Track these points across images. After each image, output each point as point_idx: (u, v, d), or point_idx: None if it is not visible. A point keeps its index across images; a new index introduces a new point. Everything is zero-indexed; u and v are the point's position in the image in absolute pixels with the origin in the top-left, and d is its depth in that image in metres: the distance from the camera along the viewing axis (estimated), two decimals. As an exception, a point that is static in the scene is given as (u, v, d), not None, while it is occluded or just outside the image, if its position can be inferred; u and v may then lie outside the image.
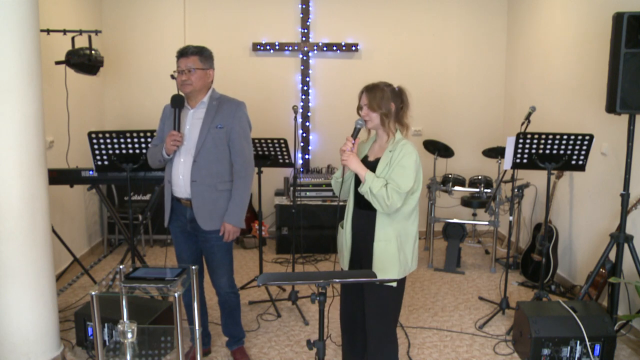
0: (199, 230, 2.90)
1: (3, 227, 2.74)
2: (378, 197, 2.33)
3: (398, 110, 2.48)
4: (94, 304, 2.15)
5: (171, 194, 2.94)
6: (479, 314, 3.91)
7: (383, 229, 2.42)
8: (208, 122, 2.84)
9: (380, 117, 2.45)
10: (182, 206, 2.93)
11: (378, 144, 2.56)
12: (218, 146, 2.85)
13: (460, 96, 5.79)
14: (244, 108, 2.94)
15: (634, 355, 3.31)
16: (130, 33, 5.44)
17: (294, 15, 5.58)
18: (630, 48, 2.97)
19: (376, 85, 2.47)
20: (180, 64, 2.82)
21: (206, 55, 2.86)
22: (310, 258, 5.13)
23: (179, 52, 2.83)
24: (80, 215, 4.94)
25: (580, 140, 3.44)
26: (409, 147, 2.42)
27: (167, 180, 2.95)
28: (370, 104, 2.44)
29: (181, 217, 2.96)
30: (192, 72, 2.80)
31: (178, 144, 2.81)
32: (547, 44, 4.82)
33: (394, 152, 2.43)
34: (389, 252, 2.41)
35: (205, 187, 2.84)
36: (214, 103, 2.89)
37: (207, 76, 2.87)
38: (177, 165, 2.88)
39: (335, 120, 5.64)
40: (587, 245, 4.11)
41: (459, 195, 5.26)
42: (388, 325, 2.51)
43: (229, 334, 3.18)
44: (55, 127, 4.25)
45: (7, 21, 2.64)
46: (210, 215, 2.86)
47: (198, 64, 2.81)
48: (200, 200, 2.84)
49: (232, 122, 2.87)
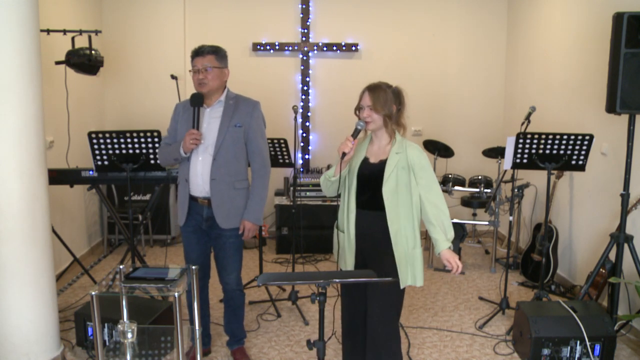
0: (214, 228, 2.93)
1: (3, 227, 2.74)
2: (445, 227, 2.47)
3: (397, 111, 2.49)
4: (94, 304, 2.15)
5: (188, 193, 2.94)
6: (479, 314, 3.91)
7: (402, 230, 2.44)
8: (227, 121, 2.86)
9: (384, 118, 2.44)
10: (199, 205, 2.94)
11: (377, 145, 2.54)
12: (236, 144, 2.88)
13: (460, 96, 5.80)
14: (259, 107, 2.99)
15: (634, 355, 3.31)
16: (130, 33, 5.44)
17: (294, 15, 5.58)
18: (630, 48, 2.96)
19: (378, 86, 2.46)
20: (196, 63, 2.83)
21: (222, 55, 2.89)
22: (310, 258, 5.13)
23: (195, 52, 2.85)
24: (80, 215, 4.95)
25: (580, 140, 3.44)
26: (416, 147, 2.48)
27: (183, 179, 2.95)
28: (374, 105, 2.42)
29: (197, 217, 2.97)
30: (208, 70, 2.81)
31: (197, 143, 2.82)
32: (547, 44, 4.83)
33: (401, 154, 2.44)
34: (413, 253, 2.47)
35: (224, 185, 2.86)
36: (231, 102, 2.91)
37: (223, 75, 2.89)
38: (195, 163, 2.89)
39: (335, 120, 5.64)
40: (587, 245, 4.11)
41: (459, 195, 5.26)
42: (392, 321, 2.50)
43: (230, 332, 3.18)
44: (55, 127, 4.25)
45: (7, 21, 2.64)
46: (228, 214, 2.89)
47: (214, 62, 2.83)
48: (219, 198, 2.86)
49: (250, 121, 2.91)
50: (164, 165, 3.07)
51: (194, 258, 3.02)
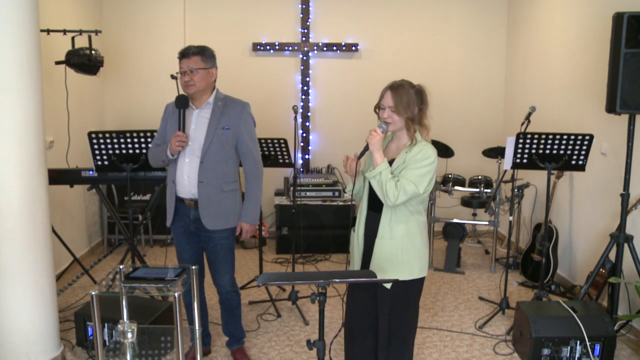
0: (202, 230, 2.91)
1: (3, 227, 2.74)
2: (385, 184, 2.24)
3: (419, 112, 2.37)
4: (94, 304, 2.15)
5: (175, 195, 2.94)
6: (479, 314, 3.91)
7: (387, 226, 2.36)
8: (214, 124, 2.84)
9: (406, 121, 2.33)
10: (186, 206, 2.92)
11: (395, 144, 2.46)
12: (224, 147, 2.85)
13: (460, 96, 5.79)
14: (248, 109, 2.94)
15: (634, 355, 3.31)
16: (130, 33, 5.44)
17: (294, 15, 5.58)
18: (630, 48, 2.96)
19: (401, 85, 2.34)
20: (182, 65, 2.80)
21: (208, 55, 2.84)
22: (310, 258, 5.13)
23: (181, 53, 2.82)
24: (80, 215, 4.94)
25: (580, 140, 3.44)
26: (428, 149, 2.32)
27: (170, 181, 2.94)
28: (396, 107, 2.30)
29: (184, 218, 2.95)
30: (194, 72, 2.78)
31: (183, 145, 2.80)
32: (547, 44, 4.83)
33: (409, 152, 2.33)
34: (390, 251, 2.36)
35: (212, 188, 2.84)
36: (219, 104, 2.88)
37: (209, 76, 2.85)
38: (182, 165, 2.87)
39: (336, 120, 5.63)
40: (587, 245, 4.11)
41: (459, 195, 5.26)
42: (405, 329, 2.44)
43: (229, 333, 3.18)
44: (55, 127, 4.25)
45: (7, 21, 2.64)
46: (215, 216, 2.87)
47: (200, 64, 2.80)
48: (206, 200, 2.85)
49: (239, 123, 2.87)
50: (154, 166, 3.05)
51: (186, 258, 3.01)
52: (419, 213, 2.42)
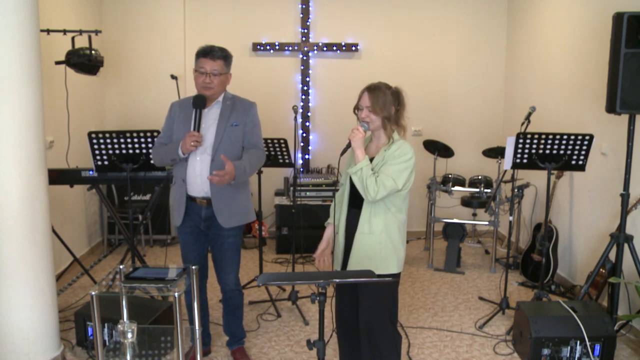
0: (213, 228, 2.92)
1: (3, 227, 2.74)
2: (366, 179, 2.34)
3: (396, 113, 2.48)
4: (94, 304, 2.15)
5: (185, 194, 2.92)
6: (479, 314, 3.91)
7: (367, 221, 2.44)
8: (224, 121, 2.86)
9: (382, 120, 2.45)
10: (197, 205, 2.92)
11: (375, 144, 2.57)
12: (234, 144, 2.88)
13: (460, 96, 5.79)
14: (256, 108, 2.98)
15: (634, 355, 3.31)
16: (130, 33, 5.44)
17: (294, 15, 5.58)
18: (630, 48, 2.96)
19: (378, 87, 2.46)
20: (203, 64, 2.78)
21: (229, 61, 2.87)
22: (310, 258, 5.12)
23: (204, 52, 2.78)
24: (80, 215, 4.94)
25: (580, 140, 3.44)
26: (406, 146, 2.44)
27: (180, 180, 2.92)
28: (373, 107, 2.43)
29: (195, 217, 2.95)
30: (215, 75, 2.78)
31: (198, 145, 2.79)
32: (547, 44, 4.82)
33: (388, 150, 2.44)
34: (369, 245, 2.44)
35: (224, 184, 2.83)
36: (228, 103, 2.91)
37: (227, 80, 2.90)
38: (194, 164, 2.86)
39: (335, 120, 5.63)
40: (587, 245, 4.11)
41: (459, 195, 5.26)
42: (384, 322, 2.49)
43: (230, 333, 3.18)
44: (55, 127, 4.25)
45: (7, 21, 2.64)
46: (230, 213, 2.89)
47: (223, 68, 2.81)
48: (219, 198, 2.86)
49: (246, 119, 2.91)
50: (159, 165, 3.03)
51: (192, 259, 3.02)
52: (400, 211, 2.48)
